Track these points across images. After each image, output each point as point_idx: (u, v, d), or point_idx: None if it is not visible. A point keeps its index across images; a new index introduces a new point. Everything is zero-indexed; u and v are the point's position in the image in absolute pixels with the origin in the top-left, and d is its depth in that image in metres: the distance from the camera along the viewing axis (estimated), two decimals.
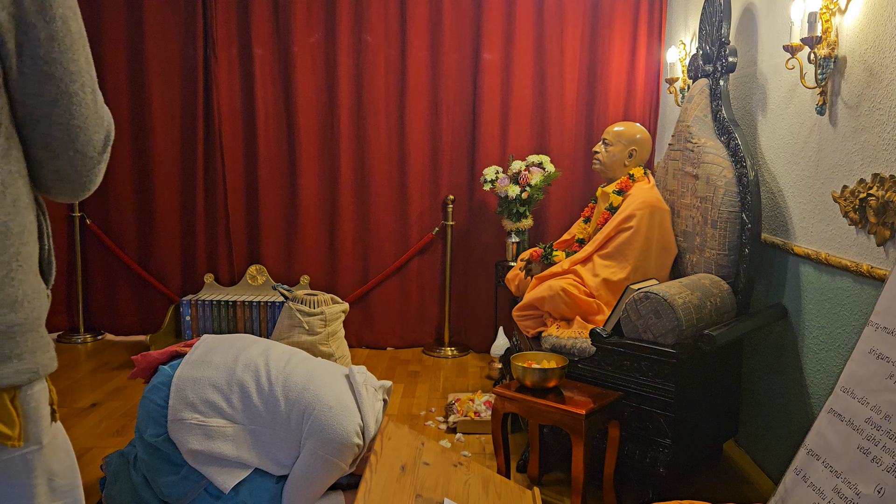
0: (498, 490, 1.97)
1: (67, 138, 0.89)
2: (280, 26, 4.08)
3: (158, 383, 2.10)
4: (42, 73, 0.85)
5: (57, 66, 0.86)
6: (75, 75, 0.88)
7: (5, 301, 0.85)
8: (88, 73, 0.90)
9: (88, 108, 0.90)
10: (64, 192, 0.96)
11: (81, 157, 0.92)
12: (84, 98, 0.89)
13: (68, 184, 0.94)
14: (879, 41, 1.96)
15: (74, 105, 0.88)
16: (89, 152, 0.92)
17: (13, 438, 0.85)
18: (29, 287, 0.89)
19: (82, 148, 0.91)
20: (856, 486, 1.56)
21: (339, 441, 1.97)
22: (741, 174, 2.50)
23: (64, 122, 0.88)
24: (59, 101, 0.87)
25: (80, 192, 0.97)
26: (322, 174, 4.22)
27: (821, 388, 2.26)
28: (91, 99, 0.91)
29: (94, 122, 0.92)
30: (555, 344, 2.53)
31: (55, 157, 0.90)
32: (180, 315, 4.13)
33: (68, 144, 0.90)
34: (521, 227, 3.98)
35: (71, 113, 0.88)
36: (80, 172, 0.93)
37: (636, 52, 4.08)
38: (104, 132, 0.94)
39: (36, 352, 0.89)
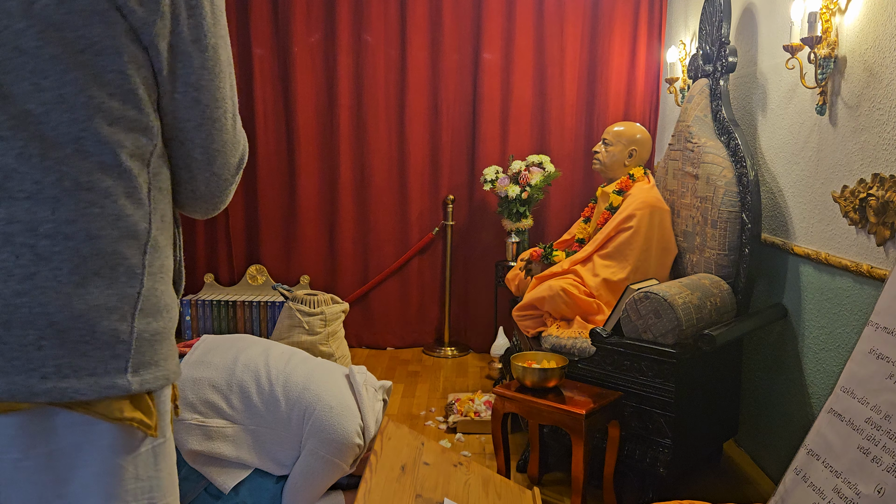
0: (498, 490, 1.97)
1: (207, 160, 0.95)
2: (280, 26, 4.08)
3: None
4: (192, 100, 0.91)
5: (205, 92, 0.92)
6: (220, 101, 0.93)
7: (152, 310, 0.90)
8: (231, 100, 0.96)
9: (228, 133, 0.96)
10: (197, 209, 1.02)
11: (216, 179, 0.98)
12: (225, 124, 0.95)
13: (202, 202, 1.00)
14: (879, 41, 1.96)
15: (216, 130, 0.94)
16: (224, 174, 0.98)
17: (152, 428, 0.91)
18: (169, 297, 0.95)
19: (219, 170, 0.97)
20: (856, 486, 1.56)
21: (339, 441, 1.97)
22: (741, 174, 2.50)
23: (206, 145, 0.94)
24: (204, 125, 0.93)
25: (212, 210, 1.04)
26: (322, 174, 4.22)
27: (821, 388, 2.26)
28: (231, 124, 0.96)
29: (232, 146, 0.98)
30: (555, 344, 2.53)
31: (193, 177, 0.96)
32: (180, 315, 4.14)
33: (207, 167, 0.96)
34: (521, 227, 3.98)
35: (212, 137, 0.94)
36: (213, 192, 1.00)
37: (636, 52, 4.08)
38: (239, 155, 1.00)
39: (169, 359, 0.94)
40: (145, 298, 0.90)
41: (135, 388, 0.88)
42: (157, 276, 0.92)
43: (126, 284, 0.88)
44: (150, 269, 0.90)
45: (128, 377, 0.87)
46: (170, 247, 0.96)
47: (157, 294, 0.92)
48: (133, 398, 0.89)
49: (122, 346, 0.87)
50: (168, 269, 0.95)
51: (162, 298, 0.93)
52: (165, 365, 0.93)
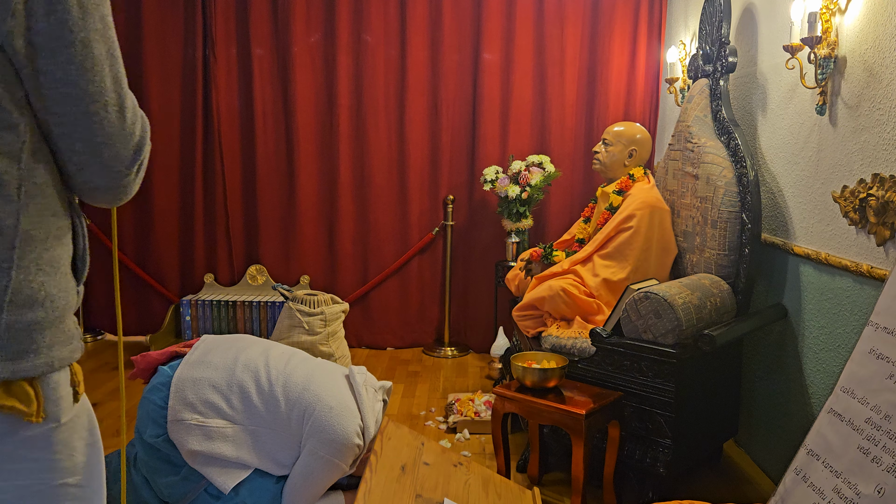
0: (498, 490, 1.97)
1: (92, 153, 0.96)
2: (279, 26, 4.08)
3: (158, 384, 2.10)
4: (62, 95, 0.91)
5: (76, 87, 0.92)
6: (96, 95, 0.93)
7: (25, 302, 0.93)
8: (115, 92, 0.96)
9: (113, 125, 0.96)
10: (97, 200, 1.04)
11: (108, 171, 0.99)
12: (107, 117, 0.95)
13: (101, 193, 1.02)
14: (879, 41, 1.96)
15: (95, 124, 0.94)
16: (116, 166, 0.99)
17: (31, 415, 0.94)
18: (53, 287, 0.96)
19: (108, 162, 0.98)
20: (856, 486, 1.56)
21: (339, 441, 1.97)
22: (741, 174, 2.50)
23: (87, 138, 0.95)
24: (80, 120, 0.93)
25: (115, 201, 1.05)
26: (321, 174, 4.22)
27: (821, 388, 2.26)
28: (116, 117, 0.96)
29: (121, 139, 0.98)
30: (555, 344, 2.53)
31: (81, 170, 0.98)
32: (180, 315, 4.14)
33: (93, 159, 0.97)
34: (521, 227, 3.98)
35: (93, 131, 0.95)
36: (109, 184, 1.01)
37: (636, 53, 4.08)
38: (133, 147, 1.00)
39: (54, 346, 0.96)
40: (15, 291, 0.92)
41: (5, 376, 0.91)
42: (33, 269, 0.94)
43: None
44: (21, 263, 0.93)
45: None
46: (56, 238, 0.98)
47: (34, 286, 0.94)
48: (7, 385, 0.92)
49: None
50: (52, 260, 0.97)
51: (42, 290, 0.95)
52: (49, 353, 0.96)
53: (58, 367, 0.97)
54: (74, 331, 1.03)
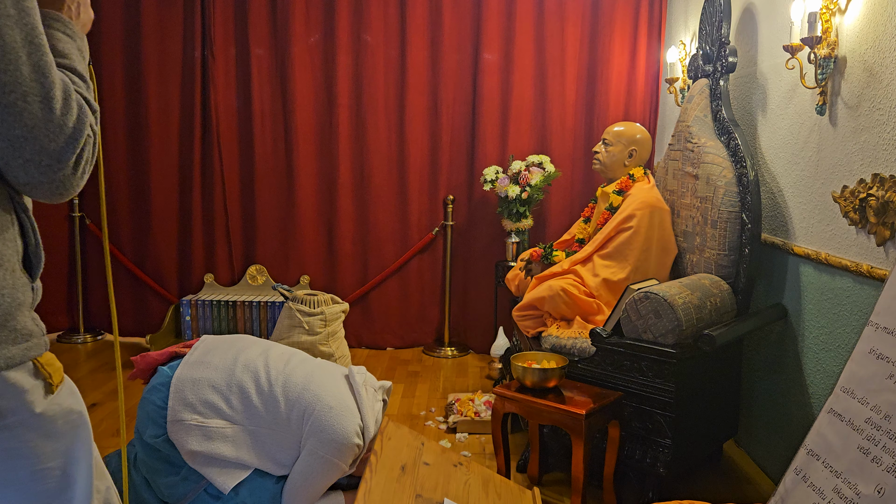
0: (498, 490, 1.97)
1: (12, 147, 0.91)
2: (278, 26, 4.08)
3: (157, 384, 2.10)
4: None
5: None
6: (10, 86, 0.89)
7: None
8: (36, 82, 0.90)
9: (35, 117, 0.90)
10: (35, 195, 0.99)
11: (35, 166, 0.93)
12: (26, 108, 0.90)
13: (34, 189, 0.97)
14: (879, 41, 1.96)
15: (13, 116, 0.89)
16: (43, 160, 0.93)
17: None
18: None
19: (34, 157, 0.92)
20: (856, 486, 1.56)
21: (339, 441, 1.97)
22: (741, 174, 2.50)
23: (3, 132, 0.90)
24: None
25: (54, 197, 0.99)
26: (321, 174, 4.22)
27: (821, 388, 2.26)
28: (39, 108, 0.91)
29: (48, 132, 0.92)
30: (555, 344, 2.53)
31: (7, 164, 0.93)
32: (180, 315, 4.13)
33: (16, 154, 0.92)
34: (521, 227, 3.98)
35: (9, 124, 0.90)
36: (40, 180, 0.95)
37: (636, 52, 4.08)
38: (63, 140, 0.94)
39: (0, 345, 0.95)
40: None
41: None
42: None
43: None
44: None
45: None
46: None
47: None
48: None
49: None
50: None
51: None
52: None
53: (4, 367, 0.95)
54: (32, 327, 1.01)
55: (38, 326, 1.02)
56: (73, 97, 0.96)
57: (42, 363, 1.02)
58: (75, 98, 0.96)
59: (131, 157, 4.19)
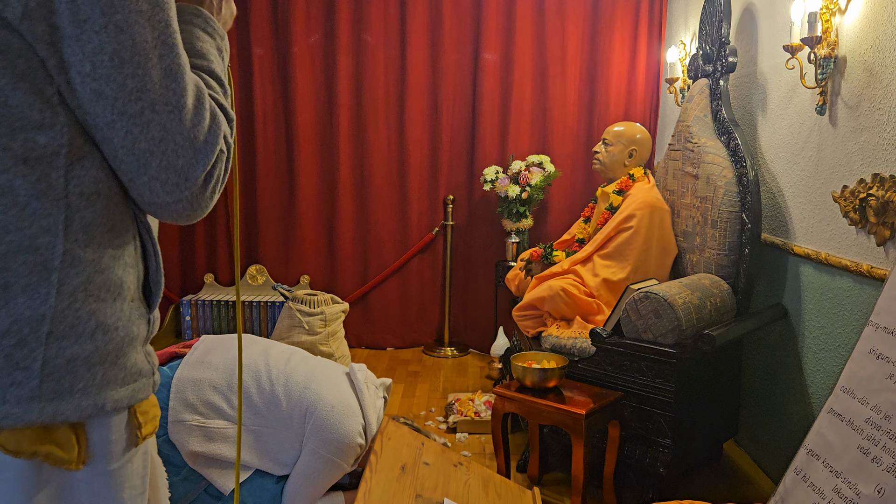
0: (498, 490, 1.97)
1: (137, 163, 0.80)
2: (279, 26, 4.08)
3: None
4: (93, 92, 0.76)
5: (109, 83, 0.76)
6: (137, 93, 0.77)
7: (68, 333, 0.79)
8: (167, 89, 0.79)
9: (165, 129, 0.79)
10: (161, 216, 0.88)
11: (161, 184, 0.82)
12: (154, 118, 0.78)
13: (160, 209, 0.85)
14: (879, 41, 1.96)
15: (138, 127, 0.78)
16: (171, 178, 0.82)
17: (70, 462, 0.81)
18: (106, 316, 0.82)
19: (159, 174, 0.81)
20: (856, 486, 1.56)
21: (341, 441, 1.97)
22: (741, 174, 2.50)
23: (128, 145, 0.79)
24: (118, 122, 0.78)
25: (180, 218, 0.88)
26: (321, 174, 4.22)
27: (821, 388, 2.26)
28: (169, 118, 0.79)
29: (177, 146, 0.81)
30: (555, 344, 2.53)
31: (131, 181, 0.82)
32: (180, 315, 4.13)
33: (140, 170, 0.81)
34: (521, 227, 3.98)
35: (134, 136, 0.78)
36: (165, 200, 0.84)
37: (636, 52, 4.08)
38: (192, 156, 0.82)
39: (107, 386, 0.82)
40: (56, 321, 0.78)
41: (40, 419, 0.78)
42: (81, 295, 0.80)
43: (25, 305, 0.77)
44: (65, 287, 0.79)
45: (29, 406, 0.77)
46: (113, 258, 0.84)
47: (80, 315, 0.80)
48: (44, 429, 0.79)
49: (21, 373, 0.77)
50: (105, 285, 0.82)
51: (91, 319, 0.81)
52: (99, 393, 0.81)
53: (111, 410, 0.83)
54: (143, 365, 0.88)
55: (149, 364, 0.90)
56: (207, 104, 0.84)
57: (138, 410, 0.89)
58: (209, 105, 0.85)
59: None
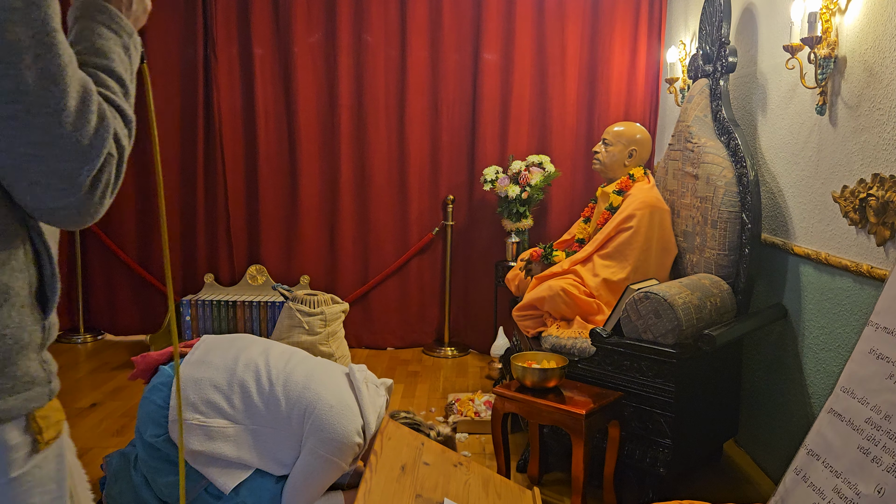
0: (498, 490, 1.97)
1: (17, 168, 0.77)
2: (280, 26, 4.08)
3: (158, 384, 2.10)
4: None
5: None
6: (12, 94, 0.73)
7: None
8: (44, 90, 0.75)
9: (44, 132, 0.75)
10: (48, 221, 0.85)
11: (43, 189, 0.78)
12: (32, 121, 0.74)
13: (45, 214, 0.82)
14: (879, 41, 1.96)
15: (13, 130, 0.74)
16: (54, 184, 0.78)
17: None
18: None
19: (41, 179, 0.77)
20: (856, 486, 1.56)
21: (339, 440, 1.97)
22: (741, 174, 2.50)
23: (6, 148, 0.75)
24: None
25: (68, 224, 0.85)
26: (322, 174, 4.22)
27: (821, 388, 2.26)
28: (49, 121, 0.75)
29: (59, 149, 0.77)
30: (555, 344, 2.53)
31: (10, 186, 0.79)
32: (180, 315, 4.13)
33: (20, 174, 0.77)
34: (521, 227, 3.98)
35: (11, 140, 0.75)
36: (49, 206, 0.80)
37: (636, 52, 4.09)
38: (75, 159, 0.78)
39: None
40: None
41: None
42: None
43: None
44: None
45: None
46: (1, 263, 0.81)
47: None
48: None
49: None
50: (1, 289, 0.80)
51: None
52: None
53: (2, 420, 0.80)
54: (37, 373, 0.85)
55: (44, 371, 0.86)
56: (94, 106, 0.80)
57: (37, 415, 0.85)
58: (96, 107, 0.80)
59: (134, 156, 4.18)
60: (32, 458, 0.85)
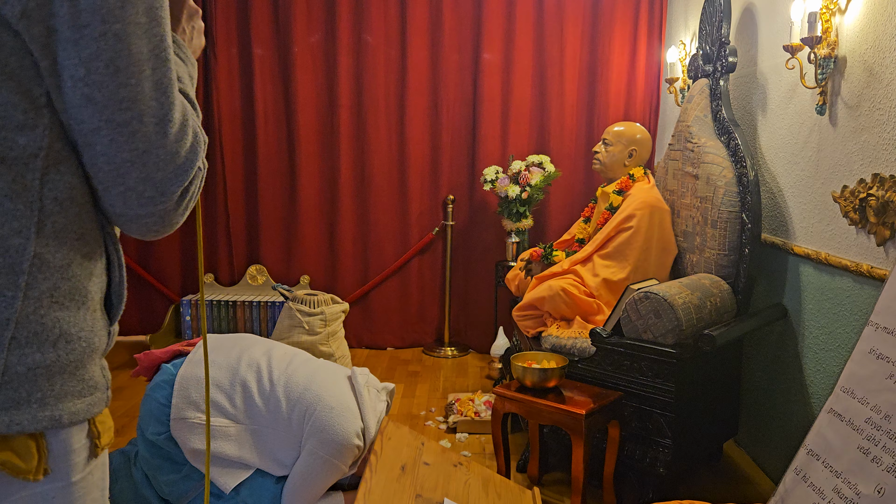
0: (498, 490, 1.97)
1: (115, 173, 0.79)
2: (280, 26, 4.09)
3: (161, 381, 2.10)
4: (83, 97, 0.75)
5: (101, 89, 0.75)
6: (128, 102, 0.76)
7: (31, 340, 0.77)
8: (156, 101, 0.79)
9: (148, 140, 0.79)
10: (128, 229, 0.87)
11: (137, 196, 0.81)
12: (140, 129, 0.78)
13: (129, 222, 0.85)
14: (879, 41, 1.96)
15: (123, 136, 0.77)
16: (147, 192, 0.81)
17: (29, 472, 0.79)
18: (70, 325, 0.81)
19: (136, 186, 0.80)
20: (856, 486, 1.56)
21: (339, 442, 1.97)
22: (741, 174, 2.50)
23: (110, 153, 0.78)
24: (103, 129, 0.77)
25: (148, 233, 0.87)
26: (322, 174, 4.22)
27: (821, 388, 2.26)
28: (154, 131, 0.79)
29: (158, 159, 0.80)
30: (555, 344, 2.53)
31: (106, 190, 0.81)
32: (180, 315, 4.14)
33: (117, 180, 0.80)
34: (521, 227, 3.98)
35: (118, 145, 0.78)
36: (138, 213, 0.83)
37: (636, 52, 4.09)
38: (173, 171, 0.82)
39: (65, 397, 0.81)
40: (20, 326, 0.76)
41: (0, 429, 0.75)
42: (46, 302, 0.78)
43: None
44: (31, 293, 0.77)
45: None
46: (80, 266, 0.82)
47: (45, 322, 0.78)
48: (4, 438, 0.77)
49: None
50: (70, 293, 0.81)
51: (56, 327, 0.79)
52: (57, 405, 0.80)
53: (67, 423, 0.81)
54: (99, 379, 0.87)
55: (104, 378, 0.89)
56: (191, 122, 0.84)
57: (96, 420, 0.88)
58: (192, 125, 0.84)
59: None
60: (90, 463, 0.87)
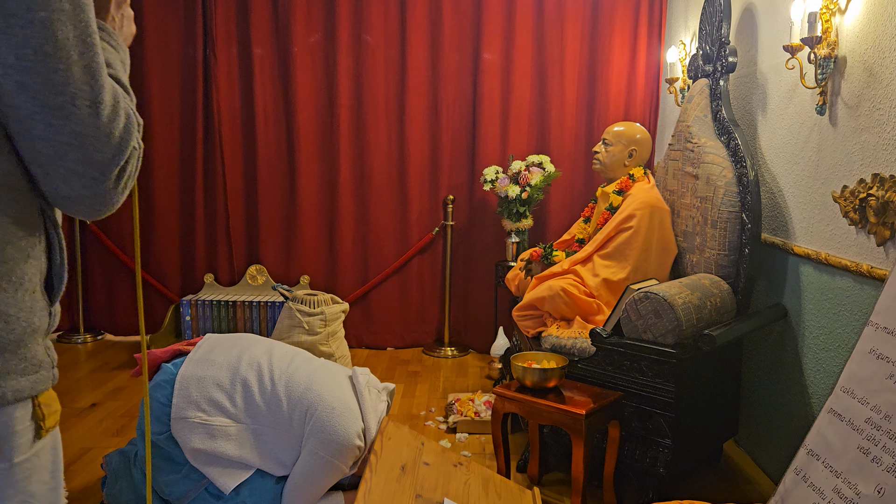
0: (498, 490, 1.97)
1: (55, 156, 0.83)
2: (280, 26, 4.09)
3: (161, 381, 2.10)
4: (16, 84, 0.78)
5: (34, 76, 0.78)
6: (61, 87, 0.80)
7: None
8: (87, 84, 0.82)
9: (83, 123, 0.82)
10: (71, 211, 0.91)
11: (78, 178, 0.85)
12: (75, 112, 0.81)
13: (72, 204, 0.88)
14: (879, 41, 1.96)
15: (59, 120, 0.81)
16: (88, 172, 0.85)
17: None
18: (8, 305, 0.84)
19: (77, 167, 0.84)
20: (856, 486, 1.56)
21: (339, 442, 1.97)
22: (741, 174, 2.50)
23: (48, 137, 0.81)
24: (39, 114, 0.80)
25: (91, 213, 0.91)
26: (322, 174, 4.22)
27: (821, 388, 2.26)
28: (88, 113, 0.82)
29: (94, 140, 0.83)
30: (555, 344, 2.53)
31: (47, 174, 0.84)
32: (180, 315, 4.14)
33: (58, 163, 0.83)
34: (521, 227, 3.98)
35: (56, 129, 0.81)
36: (81, 194, 0.87)
37: (636, 52, 4.09)
38: (111, 151, 0.85)
39: (7, 375, 0.84)
40: None
41: None
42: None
43: None
44: None
45: None
46: (18, 250, 0.86)
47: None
48: None
49: None
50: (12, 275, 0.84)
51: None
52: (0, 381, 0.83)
53: (11, 400, 0.84)
54: (43, 358, 0.90)
55: (48, 357, 0.92)
56: (122, 105, 0.88)
57: (41, 401, 0.90)
58: (124, 106, 0.88)
59: None
60: (34, 445, 0.89)
